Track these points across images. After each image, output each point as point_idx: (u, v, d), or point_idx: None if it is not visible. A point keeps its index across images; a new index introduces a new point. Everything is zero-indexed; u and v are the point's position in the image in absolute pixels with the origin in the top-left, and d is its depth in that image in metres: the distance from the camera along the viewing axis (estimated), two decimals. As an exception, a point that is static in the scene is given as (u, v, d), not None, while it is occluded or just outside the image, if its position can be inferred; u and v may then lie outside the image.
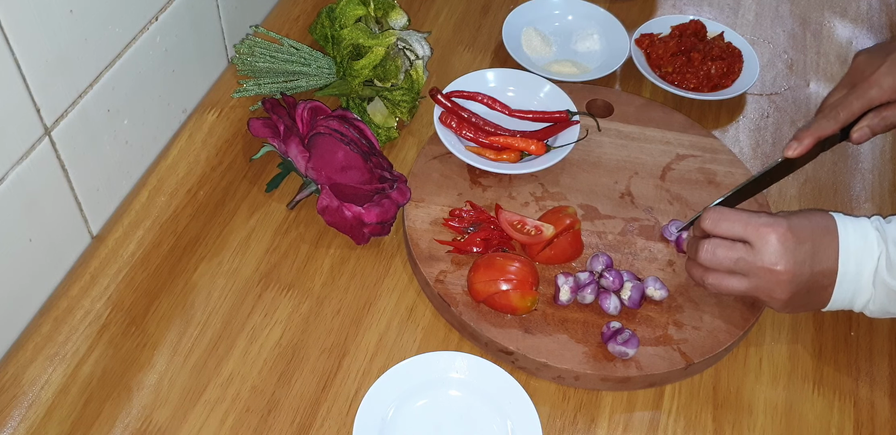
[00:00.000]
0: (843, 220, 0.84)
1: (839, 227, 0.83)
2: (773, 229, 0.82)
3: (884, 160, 1.12)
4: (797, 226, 0.82)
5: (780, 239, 0.81)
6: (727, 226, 0.84)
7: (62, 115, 0.79)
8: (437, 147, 1.03)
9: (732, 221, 0.84)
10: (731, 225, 0.84)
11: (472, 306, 0.90)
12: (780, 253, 0.81)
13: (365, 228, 0.94)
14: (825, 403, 0.89)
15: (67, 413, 0.82)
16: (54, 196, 0.82)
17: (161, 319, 0.90)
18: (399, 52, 1.02)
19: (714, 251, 0.84)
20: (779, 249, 0.81)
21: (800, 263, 0.82)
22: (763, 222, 0.83)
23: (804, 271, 0.82)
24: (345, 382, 0.87)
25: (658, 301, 0.92)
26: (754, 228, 0.83)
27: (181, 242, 0.94)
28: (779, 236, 0.82)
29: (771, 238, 0.82)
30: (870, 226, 0.83)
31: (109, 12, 0.81)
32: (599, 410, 0.87)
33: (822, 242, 0.82)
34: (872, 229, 0.83)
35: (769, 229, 0.82)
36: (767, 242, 0.82)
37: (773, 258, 0.82)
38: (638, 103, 1.11)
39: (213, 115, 0.99)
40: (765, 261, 0.82)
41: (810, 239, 0.82)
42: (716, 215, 0.85)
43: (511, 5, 1.24)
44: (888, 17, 1.32)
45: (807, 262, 0.82)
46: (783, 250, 0.81)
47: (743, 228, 0.83)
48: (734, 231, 0.84)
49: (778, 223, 0.82)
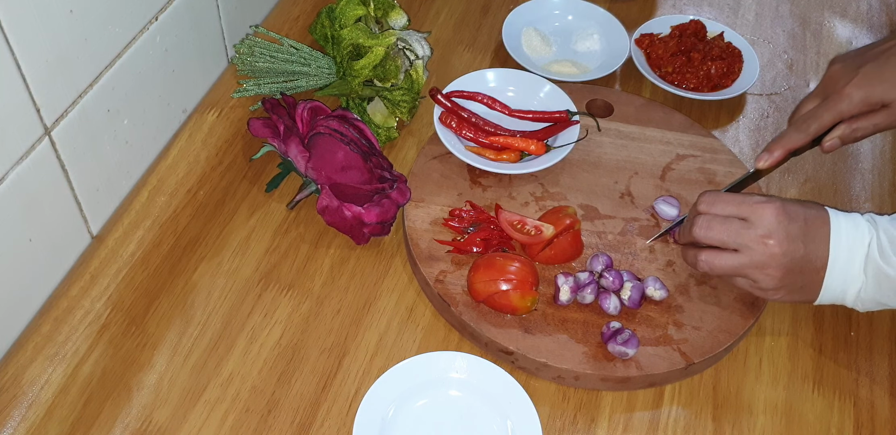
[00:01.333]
0: (834, 211, 0.86)
1: (831, 216, 0.85)
2: (768, 205, 0.85)
3: (884, 160, 1.12)
4: (790, 207, 0.85)
5: (773, 213, 0.84)
6: (722, 205, 0.86)
7: (62, 115, 0.79)
8: (437, 147, 1.03)
9: (727, 201, 0.86)
10: (725, 205, 0.86)
11: (472, 306, 0.90)
12: (774, 226, 0.84)
13: (365, 228, 0.94)
14: (825, 403, 0.89)
15: (67, 413, 0.82)
16: (54, 196, 0.82)
17: (161, 319, 0.90)
18: (399, 52, 1.02)
19: (709, 225, 0.86)
20: (773, 223, 0.84)
21: (793, 238, 0.83)
22: (758, 200, 0.86)
23: (797, 248, 0.84)
24: (345, 382, 0.87)
25: (658, 301, 0.92)
26: (749, 205, 0.85)
27: (181, 242, 0.94)
28: (773, 211, 0.84)
29: (766, 212, 0.84)
30: (861, 217, 0.86)
31: (109, 12, 0.81)
32: (599, 410, 0.87)
33: (815, 224, 0.84)
34: (863, 220, 0.85)
35: (764, 205, 0.85)
36: (762, 216, 0.84)
37: (766, 230, 0.84)
38: (638, 103, 1.11)
39: (213, 115, 0.99)
40: (759, 233, 0.84)
41: (803, 219, 0.84)
42: (710, 198, 0.87)
43: (511, 5, 1.24)
44: (888, 17, 1.32)
45: (799, 238, 0.84)
46: (777, 224, 0.84)
47: (737, 206, 0.86)
48: (729, 210, 0.86)
49: (772, 201, 0.85)
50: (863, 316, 0.96)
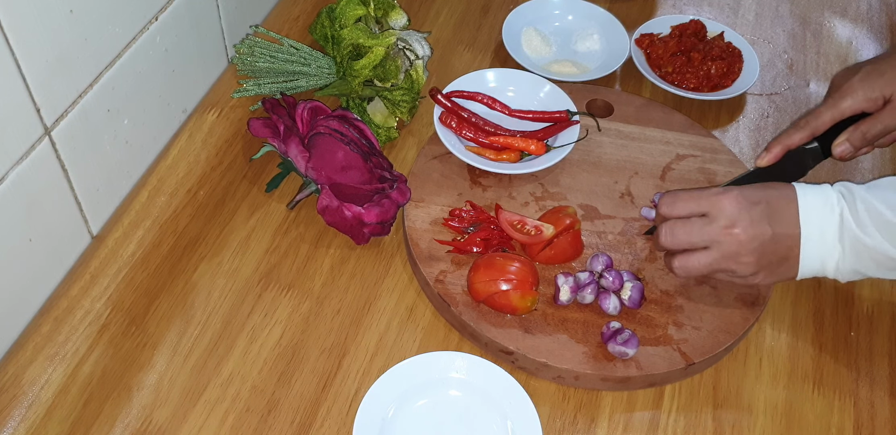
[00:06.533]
0: (802, 186, 0.86)
1: (798, 191, 0.85)
2: (725, 196, 0.85)
3: (884, 160, 1.12)
4: (749, 192, 0.85)
5: (731, 202, 0.84)
6: (682, 205, 0.87)
7: (62, 115, 0.79)
8: (437, 147, 1.03)
9: (685, 200, 0.87)
10: (684, 204, 0.87)
11: (472, 306, 0.90)
12: (735, 214, 0.84)
13: (365, 228, 0.94)
14: (825, 403, 0.89)
15: (67, 413, 0.82)
16: (54, 196, 0.82)
17: (161, 319, 0.90)
18: (399, 52, 1.02)
19: (671, 232, 0.87)
20: (733, 212, 0.84)
21: (757, 222, 0.84)
22: (714, 192, 0.86)
23: (764, 231, 0.84)
24: (345, 382, 0.87)
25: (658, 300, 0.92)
26: (706, 199, 0.86)
27: (181, 242, 0.94)
28: (731, 200, 0.84)
29: (724, 203, 0.84)
30: (830, 188, 0.85)
31: (109, 12, 0.81)
32: (599, 410, 0.87)
33: (779, 204, 0.84)
34: (833, 191, 0.85)
35: (720, 196, 0.85)
36: (721, 208, 0.84)
37: (728, 220, 0.84)
38: (638, 103, 1.11)
39: (213, 115, 0.99)
40: (721, 224, 0.84)
41: (764, 201, 0.84)
42: (669, 199, 0.88)
43: (511, 5, 1.24)
44: (888, 17, 1.32)
45: (764, 220, 0.84)
46: (738, 212, 0.84)
47: (696, 202, 0.86)
48: (689, 208, 0.87)
49: (728, 190, 0.85)
50: (863, 316, 0.96)
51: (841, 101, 0.92)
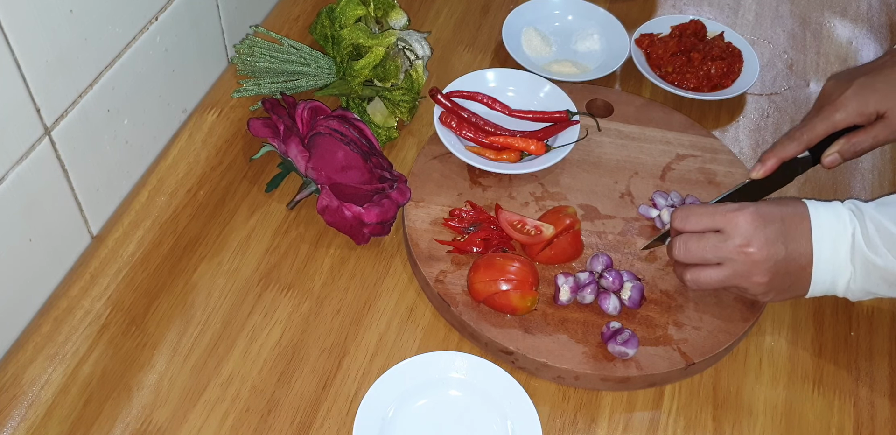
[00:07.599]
0: (814, 204, 0.86)
1: (811, 209, 0.85)
2: (741, 213, 0.84)
3: (884, 160, 1.12)
4: (764, 209, 0.84)
5: (747, 220, 0.83)
6: (695, 220, 0.86)
7: (62, 115, 0.79)
8: (437, 147, 1.03)
9: (700, 215, 0.86)
10: (699, 219, 0.86)
11: (472, 306, 0.90)
12: (751, 233, 0.83)
13: (365, 228, 0.94)
14: (825, 403, 0.89)
15: (67, 413, 0.82)
16: (54, 196, 0.82)
17: (161, 319, 0.90)
18: (399, 52, 1.02)
19: (685, 245, 0.86)
20: (748, 230, 0.83)
21: (772, 241, 0.83)
22: (729, 208, 0.85)
23: (778, 251, 0.83)
24: (345, 382, 0.87)
25: (658, 300, 0.92)
26: (722, 216, 0.85)
27: (181, 242, 0.94)
28: (746, 218, 0.83)
29: (739, 220, 0.84)
30: (842, 206, 0.85)
31: (109, 12, 0.81)
32: (599, 410, 0.87)
33: (793, 222, 0.84)
34: (845, 209, 0.84)
35: (736, 214, 0.84)
36: (737, 225, 0.84)
37: (743, 239, 0.83)
38: (638, 103, 1.11)
39: (213, 115, 0.99)
40: (736, 243, 0.83)
41: (779, 220, 0.84)
42: (683, 213, 0.87)
43: (511, 5, 1.24)
44: (888, 17, 1.32)
45: (779, 240, 0.83)
46: (753, 230, 0.83)
47: (711, 218, 0.85)
48: (703, 224, 0.86)
49: (744, 207, 0.85)
50: (863, 316, 0.96)
51: (835, 114, 0.93)
